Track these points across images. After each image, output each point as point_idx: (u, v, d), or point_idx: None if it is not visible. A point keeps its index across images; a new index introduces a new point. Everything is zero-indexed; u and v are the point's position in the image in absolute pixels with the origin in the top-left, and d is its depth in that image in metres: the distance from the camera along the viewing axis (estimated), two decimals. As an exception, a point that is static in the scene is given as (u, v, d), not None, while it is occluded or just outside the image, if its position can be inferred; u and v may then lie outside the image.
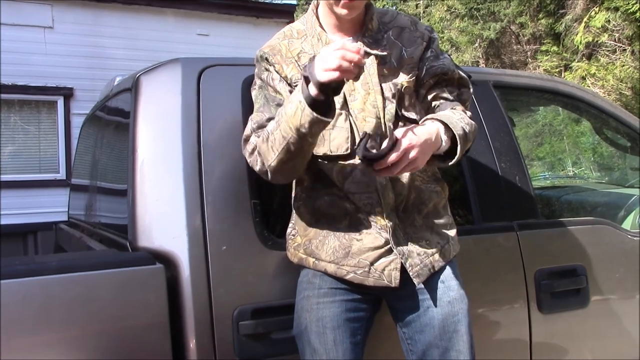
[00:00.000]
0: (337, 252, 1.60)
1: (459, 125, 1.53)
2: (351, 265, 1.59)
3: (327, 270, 1.61)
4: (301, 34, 1.66)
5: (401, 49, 1.64)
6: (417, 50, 1.65)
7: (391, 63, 1.62)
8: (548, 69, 14.62)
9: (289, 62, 1.62)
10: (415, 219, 1.63)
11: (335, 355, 1.56)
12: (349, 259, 1.59)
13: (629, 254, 2.32)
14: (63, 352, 1.47)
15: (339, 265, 1.60)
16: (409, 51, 1.64)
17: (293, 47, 1.63)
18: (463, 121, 1.56)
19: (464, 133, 1.53)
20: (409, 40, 1.65)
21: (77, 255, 2.16)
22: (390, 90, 1.60)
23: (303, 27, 1.68)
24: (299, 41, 1.65)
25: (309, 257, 1.64)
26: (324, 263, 1.61)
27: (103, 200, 2.43)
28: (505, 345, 2.05)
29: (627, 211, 2.71)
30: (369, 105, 1.58)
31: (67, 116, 7.37)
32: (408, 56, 1.64)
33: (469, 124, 1.57)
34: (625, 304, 2.29)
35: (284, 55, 1.62)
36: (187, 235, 1.65)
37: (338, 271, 1.60)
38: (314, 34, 1.64)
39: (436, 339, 1.57)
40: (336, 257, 1.60)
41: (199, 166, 1.71)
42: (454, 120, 1.54)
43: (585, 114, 2.90)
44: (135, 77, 1.88)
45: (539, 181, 4.82)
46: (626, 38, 12.33)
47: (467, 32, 16.65)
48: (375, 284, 1.58)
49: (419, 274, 1.58)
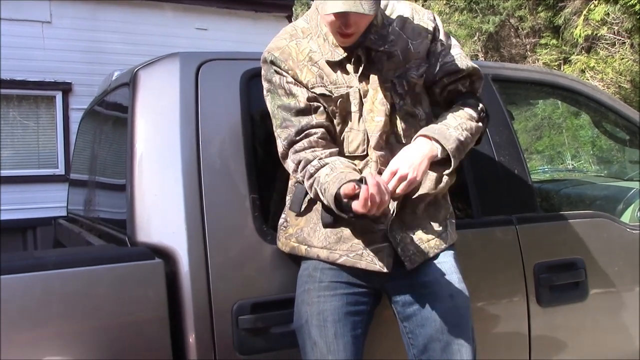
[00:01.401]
0: (328, 237, 1.62)
1: (453, 137, 1.55)
2: (344, 250, 1.60)
3: (319, 256, 1.62)
4: (306, 33, 1.66)
5: (407, 42, 1.63)
6: (423, 44, 1.65)
7: (398, 56, 1.62)
8: (547, 62, 14.60)
9: (302, 66, 1.62)
10: (417, 205, 1.64)
11: (335, 348, 1.56)
12: (341, 244, 1.61)
13: (627, 247, 2.32)
14: (62, 347, 1.47)
15: (331, 250, 1.61)
16: (414, 44, 1.64)
17: (302, 48, 1.63)
18: (461, 127, 1.58)
19: (459, 143, 1.55)
20: (414, 32, 1.64)
21: (76, 250, 2.16)
22: (403, 86, 1.62)
23: (307, 25, 1.67)
24: (306, 40, 1.64)
25: (300, 244, 1.65)
26: (316, 249, 1.62)
27: (102, 196, 2.43)
28: (504, 338, 2.06)
29: (626, 204, 2.71)
30: (378, 104, 1.59)
31: (65, 111, 7.35)
32: (414, 50, 1.63)
33: (467, 129, 1.59)
34: (624, 297, 2.30)
35: (296, 59, 1.62)
36: (186, 230, 1.65)
37: (330, 255, 1.61)
38: (320, 34, 1.64)
39: (437, 333, 1.57)
40: (328, 243, 1.61)
41: (198, 161, 1.71)
42: (448, 132, 1.55)
43: (584, 107, 2.89)
44: (134, 72, 1.88)
45: (538, 174, 4.82)
46: (625, 31, 12.30)
47: (466, 25, 16.61)
48: (367, 267, 1.59)
49: (411, 259, 1.59)
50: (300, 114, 1.60)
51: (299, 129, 1.59)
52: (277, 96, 1.63)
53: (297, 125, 1.59)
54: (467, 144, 1.60)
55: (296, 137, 1.59)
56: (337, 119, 1.63)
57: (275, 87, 1.63)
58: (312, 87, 1.61)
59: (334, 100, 1.60)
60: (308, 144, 1.59)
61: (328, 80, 1.61)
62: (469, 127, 1.60)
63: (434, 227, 1.66)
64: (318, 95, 1.60)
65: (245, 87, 1.83)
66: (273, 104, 1.64)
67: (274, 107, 1.64)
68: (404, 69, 1.63)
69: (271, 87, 1.65)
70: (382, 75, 1.60)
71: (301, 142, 1.59)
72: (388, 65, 1.61)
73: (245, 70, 1.85)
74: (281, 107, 1.62)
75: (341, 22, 1.49)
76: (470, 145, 1.63)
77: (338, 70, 1.61)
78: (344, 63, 1.61)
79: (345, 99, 1.60)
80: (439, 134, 1.55)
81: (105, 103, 2.40)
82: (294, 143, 1.60)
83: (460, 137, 1.56)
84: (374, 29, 1.60)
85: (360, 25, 1.51)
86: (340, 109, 1.61)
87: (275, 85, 1.63)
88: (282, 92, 1.62)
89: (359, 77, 1.60)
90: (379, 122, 1.58)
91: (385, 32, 1.62)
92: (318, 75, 1.61)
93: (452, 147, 1.54)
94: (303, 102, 1.60)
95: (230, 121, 1.78)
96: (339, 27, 1.51)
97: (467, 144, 1.59)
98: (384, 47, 1.60)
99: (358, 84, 1.60)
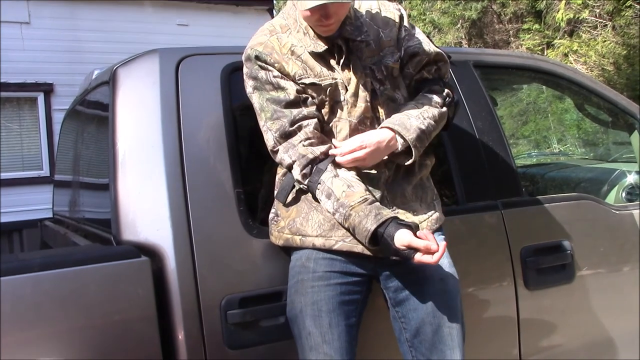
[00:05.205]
0: (322, 225, 1.63)
1: (414, 126, 1.60)
2: (339, 236, 1.62)
3: (314, 244, 1.63)
4: (285, 29, 1.67)
5: (378, 31, 1.69)
6: (393, 32, 1.71)
7: (372, 45, 1.67)
8: (530, 47, 14.64)
9: (287, 59, 1.63)
10: (406, 189, 1.68)
11: (330, 337, 1.58)
12: (335, 230, 1.62)
13: (613, 228, 2.35)
14: (51, 348, 1.46)
15: (326, 237, 1.62)
16: (385, 33, 1.69)
17: (284, 42, 1.64)
18: (422, 116, 1.63)
19: (420, 132, 1.61)
20: (383, 21, 1.71)
21: (61, 251, 2.15)
22: (382, 72, 1.66)
23: (285, 21, 1.69)
24: (285, 35, 1.66)
25: (294, 235, 1.65)
26: (310, 238, 1.63)
27: (86, 196, 2.42)
28: (493, 322, 2.07)
29: (611, 186, 2.74)
30: (360, 90, 1.63)
31: (48, 112, 7.29)
32: (386, 38, 1.69)
33: (430, 116, 1.64)
34: (610, 278, 2.32)
35: (280, 52, 1.63)
36: (171, 227, 1.64)
37: (326, 242, 1.62)
38: (299, 29, 1.65)
39: (429, 316, 1.60)
40: (323, 230, 1.63)
41: (181, 157, 1.70)
42: (409, 122, 1.61)
43: (567, 91, 2.91)
44: (113, 70, 1.86)
45: (524, 159, 4.84)
46: (607, 13, 12.36)
47: (449, 13, 16.60)
48: (364, 252, 1.60)
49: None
50: (290, 106, 1.61)
51: (291, 119, 1.60)
52: (265, 91, 1.63)
53: (289, 115, 1.60)
54: (430, 131, 1.64)
55: (290, 127, 1.60)
56: (326, 108, 1.65)
57: (262, 84, 1.64)
58: (299, 79, 1.62)
59: (323, 88, 1.62)
60: (304, 136, 1.60)
61: (313, 73, 1.63)
62: (432, 114, 1.65)
63: (423, 209, 1.69)
64: (307, 85, 1.62)
65: (226, 81, 1.82)
66: (261, 98, 1.64)
67: (262, 101, 1.64)
68: (378, 56, 1.67)
69: (257, 84, 1.64)
70: (362, 62, 1.65)
71: (297, 135, 1.60)
72: (366, 53, 1.66)
73: (225, 65, 1.84)
74: (270, 100, 1.62)
75: (321, 14, 1.52)
76: (435, 131, 1.68)
77: (321, 64, 1.64)
78: (326, 56, 1.64)
79: (334, 87, 1.63)
80: (399, 125, 1.60)
81: (86, 102, 2.38)
82: (288, 135, 1.60)
83: (422, 126, 1.61)
84: (348, 20, 1.64)
85: (339, 14, 1.55)
86: (330, 97, 1.63)
87: (262, 82, 1.63)
88: (270, 87, 1.63)
89: (341, 66, 1.64)
90: (361, 107, 1.63)
91: (359, 23, 1.67)
92: (303, 68, 1.63)
93: (412, 137, 1.59)
94: (293, 94, 1.61)
95: (212, 116, 1.77)
96: (319, 19, 1.53)
97: (429, 132, 1.64)
98: (361, 37, 1.65)
99: (341, 74, 1.63)
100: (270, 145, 1.64)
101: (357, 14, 1.68)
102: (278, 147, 1.62)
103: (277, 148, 1.63)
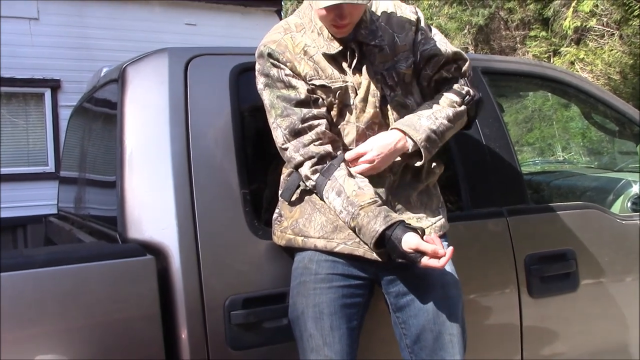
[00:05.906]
0: (325, 227, 1.62)
1: (424, 127, 1.60)
2: (341, 238, 1.61)
3: (316, 245, 1.62)
4: (299, 28, 1.67)
5: (393, 36, 1.67)
6: (409, 36, 1.69)
7: (386, 50, 1.66)
8: (537, 54, 14.62)
9: (299, 59, 1.63)
10: (411, 195, 1.67)
11: (331, 340, 1.57)
12: (338, 233, 1.61)
13: (617, 237, 2.34)
14: (54, 345, 1.47)
15: (328, 239, 1.62)
16: (401, 37, 1.68)
17: (297, 42, 1.64)
18: (434, 116, 1.62)
19: (431, 132, 1.60)
20: (398, 25, 1.69)
21: (66, 247, 2.15)
22: (393, 78, 1.65)
23: (300, 20, 1.69)
24: (300, 34, 1.66)
25: (297, 236, 1.65)
26: (312, 240, 1.63)
27: (92, 193, 2.42)
28: (496, 329, 2.07)
29: (616, 195, 2.73)
30: (370, 95, 1.63)
31: (54, 108, 7.31)
32: (401, 43, 1.68)
33: (444, 116, 1.63)
34: (614, 287, 2.31)
35: (292, 52, 1.63)
36: (177, 226, 1.64)
37: (328, 245, 1.61)
38: (314, 29, 1.65)
39: (430, 323, 1.59)
40: (325, 232, 1.62)
41: (188, 156, 1.70)
42: (419, 123, 1.60)
43: (574, 99, 2.90)
44: (122, 68, 1.86)
45: (529, 167, 4.83)
46: (614, 22, 12.33)
47: (456, 18, 16.60)
48: (365, 255, 1.60)
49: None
50: (301, 105, 1.61)
51: (301, 117, 1.60)
52: (276, 89, 1.63)
53: (299, 113, 1.60)
54: (443, 131, 1.63)
55: (301, 124, 1.60)
56: (335, 110, 1.65)
57: (273, 81, 1.64)
58: (310, 80, 1.62)
59: (333, 91, 1.62)
60: (315, 136, 1.60)
61: (324, 75, 1.63)
62: (445, 114, 1.64)
63: (427, 216, 1.68)
64: (317, 86, 1.62)
65: (235, 82, 1.83)
66: (272, 95, 1.64)
67: (272, 98, 1.64)
68: (392, 61, 1.66)
69: (269, 81, 1.64)
70: (374, 68, 1.64)
71: (307, 134, 1.60)
72: (378, 59, 1.65)
73: (234, 65, 1.84)
74: (281, 98, 1.62)
75: (336, 14, 1.52)
76: (451, 131, 1.67)
77: (333, 66, 1.64)
78: (339, 59, 1.64)
79: (344, 90, 1.62)
80: (409, 125, 1.60)
81: (94, 100, 2.38)
82: (298, 133, 1.60)
83: (433, 126, 1.61)
84: (364, 24, 1.64)
85: (354, 15, 1.55)
86: (339, 100, 1.63)
87: (274, 79, 1.63)
88: (282, 85, 1.63)
89: (353, 70, 1.63)
90: (369, 113, 1.62)
91: (374, 27, 1.66)
92: (314, 69, 1.63)
93: (421, 137, 1.59)
94: (303, 94, 1.61)
95: (220, 116, 1.78)
96: (333, 20, 1.53)
97: (442, 132, 1.63)
98: (374, 41, 1.64)
99: (352, 78, 1.63)
100: (280, 143, 1.64)
101: (372, 18, 1.67)
102: (287, 144, 1.62)
103: (287, 145, 1.62)
